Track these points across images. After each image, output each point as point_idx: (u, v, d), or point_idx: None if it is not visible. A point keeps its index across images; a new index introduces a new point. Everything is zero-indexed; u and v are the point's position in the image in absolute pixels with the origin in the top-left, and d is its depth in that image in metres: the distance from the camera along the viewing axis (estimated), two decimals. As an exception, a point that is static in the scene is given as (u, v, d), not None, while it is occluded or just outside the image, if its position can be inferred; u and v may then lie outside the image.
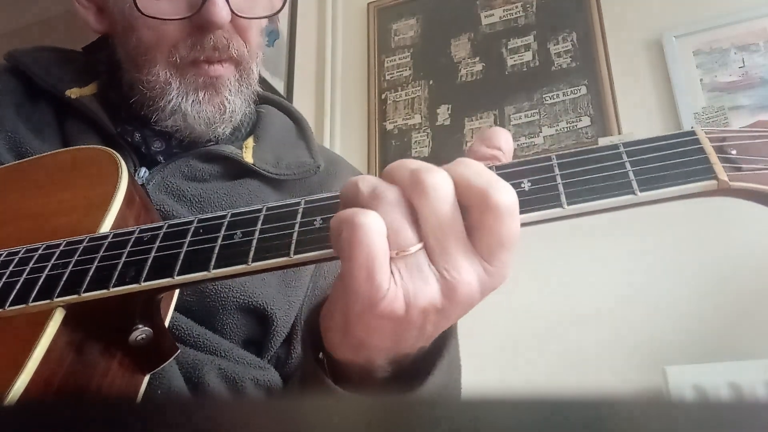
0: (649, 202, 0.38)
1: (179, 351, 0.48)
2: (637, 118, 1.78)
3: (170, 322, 0.55)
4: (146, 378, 0.48)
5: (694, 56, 1.78)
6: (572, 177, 0.39)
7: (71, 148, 0.62)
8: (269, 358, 0.68)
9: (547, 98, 1.90)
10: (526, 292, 1.58)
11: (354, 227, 0.35)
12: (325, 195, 0.42)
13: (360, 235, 0.34)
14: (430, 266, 0.36)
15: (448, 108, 2.03)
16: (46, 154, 0.61)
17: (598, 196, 0.38)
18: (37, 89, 0.73)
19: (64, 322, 0.41)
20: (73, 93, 0.71)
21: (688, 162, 0.38)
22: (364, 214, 0.35)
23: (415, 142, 2.02)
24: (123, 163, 0.55)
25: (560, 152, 0.41)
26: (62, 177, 0.57)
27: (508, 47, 2.02)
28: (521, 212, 0.37)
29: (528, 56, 1.99)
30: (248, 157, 0.72)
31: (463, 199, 0.36)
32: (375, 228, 0.35)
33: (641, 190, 0.37)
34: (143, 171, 0.68)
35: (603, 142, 1.76)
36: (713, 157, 0.38)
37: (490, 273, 0.37)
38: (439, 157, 2.03)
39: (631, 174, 0.38)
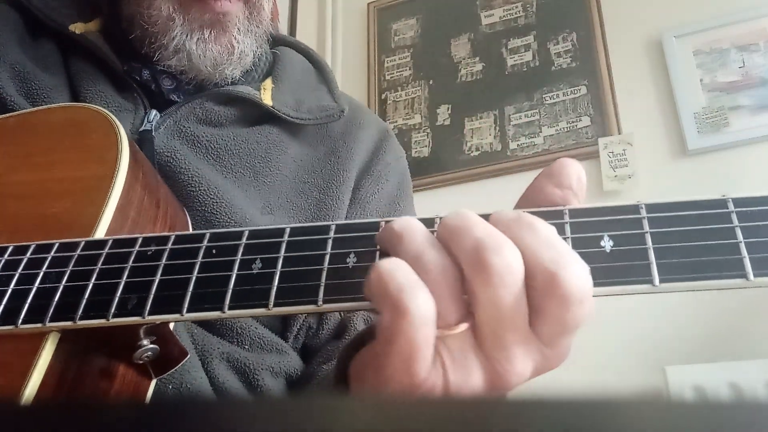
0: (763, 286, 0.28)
1: (189, 356, 0.44)
2: (637, 118, 1.78)
3: None
4: (153, 382, 0.45)
5: (694, 56, 1.78)
6: (666, 240, 0.30)
7: (62, 105, 0.57)
8: (297, 329, 0.63)
9: (547, 98, 1.90)
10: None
11: (399, 313, 0.29)
12: (359, 221, 0.37)
13: (404, 325, 0.29)
14: (476, 351, 0.31)
15: (448, 108, 2.03)
16: (33, 110, 0.56)
17: (699, 276, 0.29)
18: (38, 24, 0.67)
19: (60, 345, 0.38)
20: (77, 28, 0.66)
21: None
22: (412, 297, 0.29)
23: (415, 142, 2.02)
24: (122, 132, 0.49)
25: (651, 201, 0.32)
26: (54, 146, 0.51)
27: (508, 47, 2.02)
28: (597, 284, 0.30)
29: (528, 56, 1.98)
30: (267, 99, 0.67)
31: (525, 278, 0.30)
32: (423, 317, 0.29)
33: (756, 275, 0.28)
34: (153, 114, 0.63)
35: (603, 142, 1.76)
36: None
37: (548, 357, 0.32)
38: (439, 156, 2.05)
39: (743, 248, 0.29)
